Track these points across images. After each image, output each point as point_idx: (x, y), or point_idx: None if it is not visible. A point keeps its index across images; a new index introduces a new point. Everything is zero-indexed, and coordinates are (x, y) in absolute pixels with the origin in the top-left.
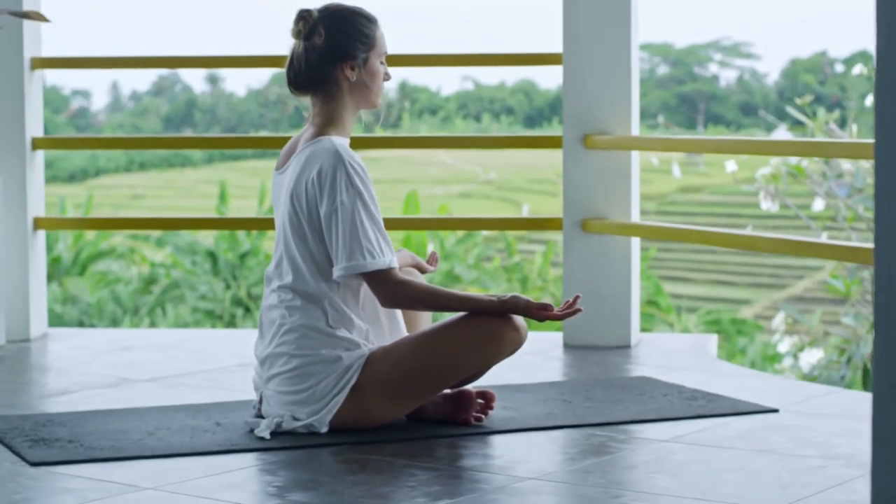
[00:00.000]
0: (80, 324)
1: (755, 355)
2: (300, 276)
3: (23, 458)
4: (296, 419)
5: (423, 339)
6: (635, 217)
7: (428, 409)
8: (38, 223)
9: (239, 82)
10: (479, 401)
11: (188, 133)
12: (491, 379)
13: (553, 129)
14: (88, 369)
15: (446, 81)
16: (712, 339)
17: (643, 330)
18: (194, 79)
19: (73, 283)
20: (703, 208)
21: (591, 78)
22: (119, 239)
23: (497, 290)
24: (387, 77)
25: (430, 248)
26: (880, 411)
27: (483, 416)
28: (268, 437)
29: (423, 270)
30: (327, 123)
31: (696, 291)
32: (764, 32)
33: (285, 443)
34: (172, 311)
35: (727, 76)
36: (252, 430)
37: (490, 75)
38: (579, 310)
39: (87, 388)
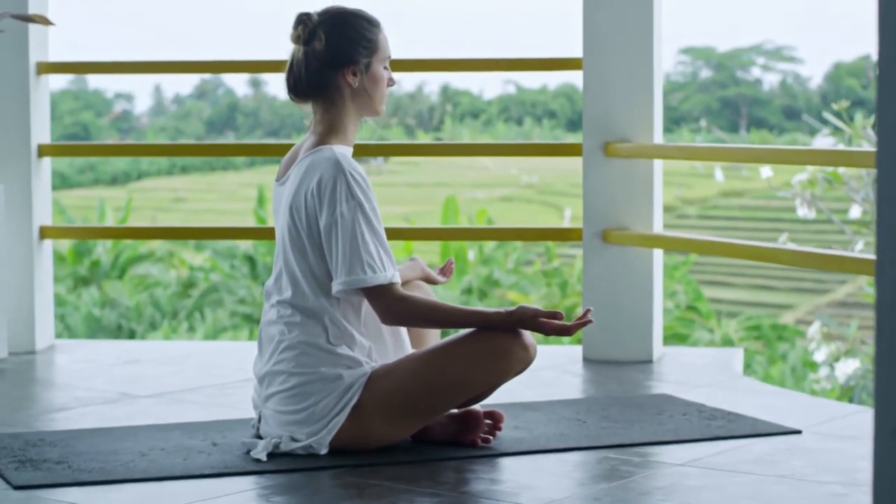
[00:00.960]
0: (119, 328)
1: (796, 361)
2: (299, 291)
3: (6, 481)
4: (294, 440)
5: (426, 358)
6: (658, 228)
7: (433, 429)
8: (44, 232)
9: (281, 86)
10: (487, 421)
11: (230, 137)
12: (503, 396)
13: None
14: (91, 384)
15: (488, 85)
16: (738, 354)
17: (682, 335)
18: (237, 82)
19: (112, 286)
20: (744, 213)
21: (611, 83)
22: (158, 242)
23: (536, 294)
24: (391, 83)
25: (471, 254)
26: (882, 462)
27: (491, 438)
28: (264, 458)
29: (433, 282)
30: (329, 132)
31: (737, 296)
32: (807, 36)
33: (282, 465)
34: (211, 315)
35: (770, 80)
36: (249, 452)
37: (532, 79)
38: (590, 321)
39: (86, 403)
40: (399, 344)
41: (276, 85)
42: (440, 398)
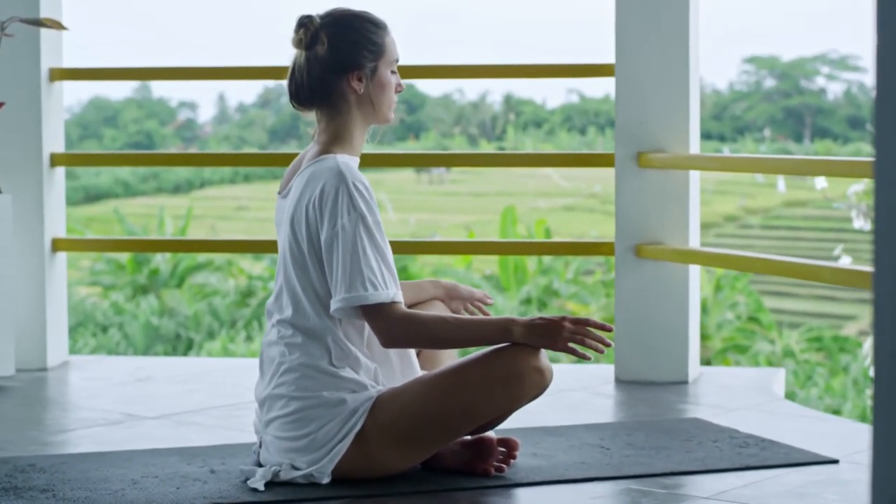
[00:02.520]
0: (177, 336)
1: (857, 374)
2: (301, 309)
3: None
4: (295, 468)
5: (435, 381)
6: (694, 242)
7: (445, 457)
8: (56, 244)
9: None
10: (501, 449)
11: (293, 145)
12: (524, 419)
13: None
14: (96, 403)
15: (551, 94)
16: (779, 374)
17: (742, 347)
18: None
19: (171, 295)
20: (807, 223)
21: (645, 90)
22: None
23: (596, 305)
24: (399, 88)
25: (531, 263)
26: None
27: (505, 467)
28: (261, 488)
29: (451, 304)
30: (333, 141)
31: (800, 307)
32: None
33: (280, 495)
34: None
35: (835, 89)
36: (247, 480)
37: (596, 88)
38: (608, 344)
39: (87, 425)
40: (407, 366)
41: None
42: (449, 425)
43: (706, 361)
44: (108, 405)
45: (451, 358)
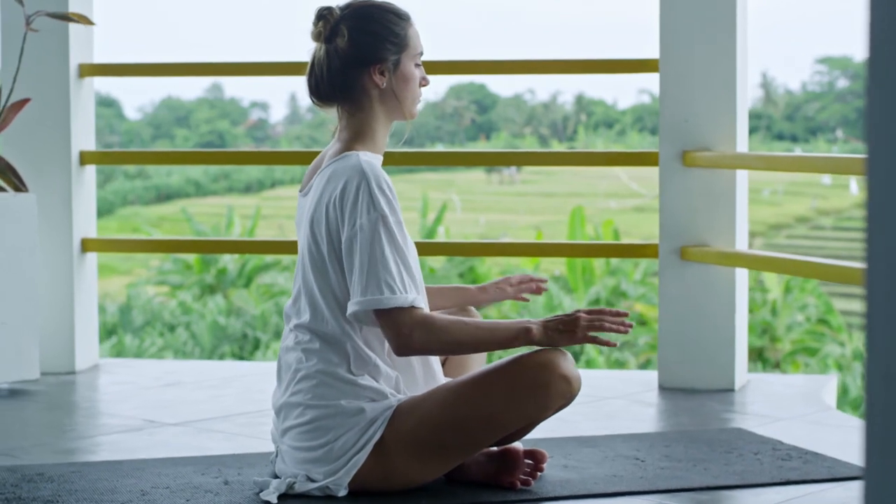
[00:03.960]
0: (244, 336)
1: None
2: (319, 314)
3: None
4: (311, 480)
5: (457, 390)
6: (741, 244)
7: (470, 468)
8: (86, 244)
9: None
10: (528, 461)
11: None
12: (558, 428)
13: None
14: (119, 409)
15: (623, 94)
16: (831, 382)
17: (812, 349)
18: None
19: (238, 295)
20: None
21: (690, 86)
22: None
23: None
24: (424, 82)
25: (599, 264)
26: None
27: (531, 480)
28: (274, 501)
29: (476, 304)
30: (355, 138)
31: None
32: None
33: None
34: None
35: None
36: (260, 492)
37: None
38: (630, 325)
39: (106, 432)
40: (430, 374)
41: None
42: (472, 435)
43: (775, 364)
44: (130, 411)
45: (479, 365)
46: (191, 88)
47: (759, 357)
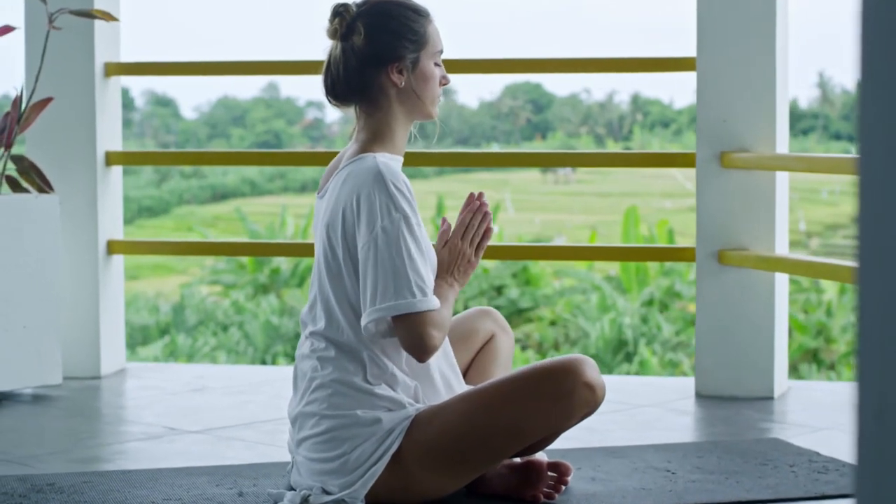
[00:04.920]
0: (296, 336)
1: None
2: (334, 321)
3: None
4: (326, 492)
5: (478, 398)
6: (781, 248)
7: (491, 481)
8: (111, 247)
9: (471, 94)
10: (552, 474)
11: (419, 145)
12: (589, 437)
13: (795, 143)
14: (140, 416)
15: (679, 94)
16: None
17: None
18: None
19: (291, 294)
20: None
21: (729, 84)
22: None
23: None
24: (444, 81)
25: (653, 264)
26: None
27: (555, 493)
28: None
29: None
30: (373, 139)
31: None
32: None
33: None
34: None
35: None
36: None
37: None
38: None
39: (124, 439)
40: (450, 382)
41: (466, 94)
42: (493, 445)
43: (829, 365)
44: (152, 418)
45: (501, 372)
46: (247, 88)
47: (813, 358)
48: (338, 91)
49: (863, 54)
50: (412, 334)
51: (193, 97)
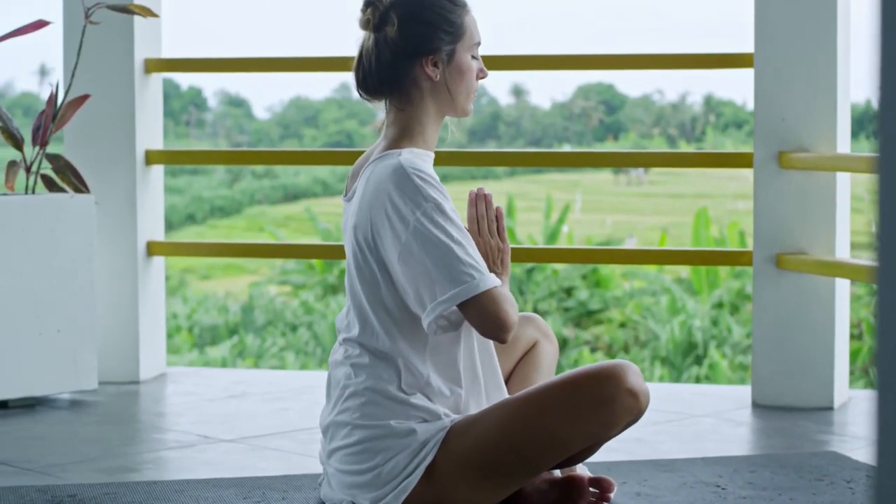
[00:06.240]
0: None
1: None
2: (368, 327)
3: None
4: None
5: (513, 407)
6: (842, 253)
7: (530, 496)
8: (151, 248)
9: (544, 95)
10: (593, 490)
11: (491, 145)
12: (638, 449)
13: (867, 146)
14: (174, 423)
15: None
16: None
17: None
18: (500, 91)
19: None
20: None
21: (788, 82)
22: None
23: None
24: (481, 74)
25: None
26: None
27: None
28: None
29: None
30: (403, 135)
31: None
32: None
33: None
34: None
35: None
36: None
37: None
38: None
39: (155, 448)
40: (494, 387)
41: (539, 94)
42: (530, 457)
43: None
44: (187, 425)
45: (543, 379)
46: (319, 88)
47: None
48: (369, 84)
49: (881, 51)
50: (485, 314)
51: (266, 97)
